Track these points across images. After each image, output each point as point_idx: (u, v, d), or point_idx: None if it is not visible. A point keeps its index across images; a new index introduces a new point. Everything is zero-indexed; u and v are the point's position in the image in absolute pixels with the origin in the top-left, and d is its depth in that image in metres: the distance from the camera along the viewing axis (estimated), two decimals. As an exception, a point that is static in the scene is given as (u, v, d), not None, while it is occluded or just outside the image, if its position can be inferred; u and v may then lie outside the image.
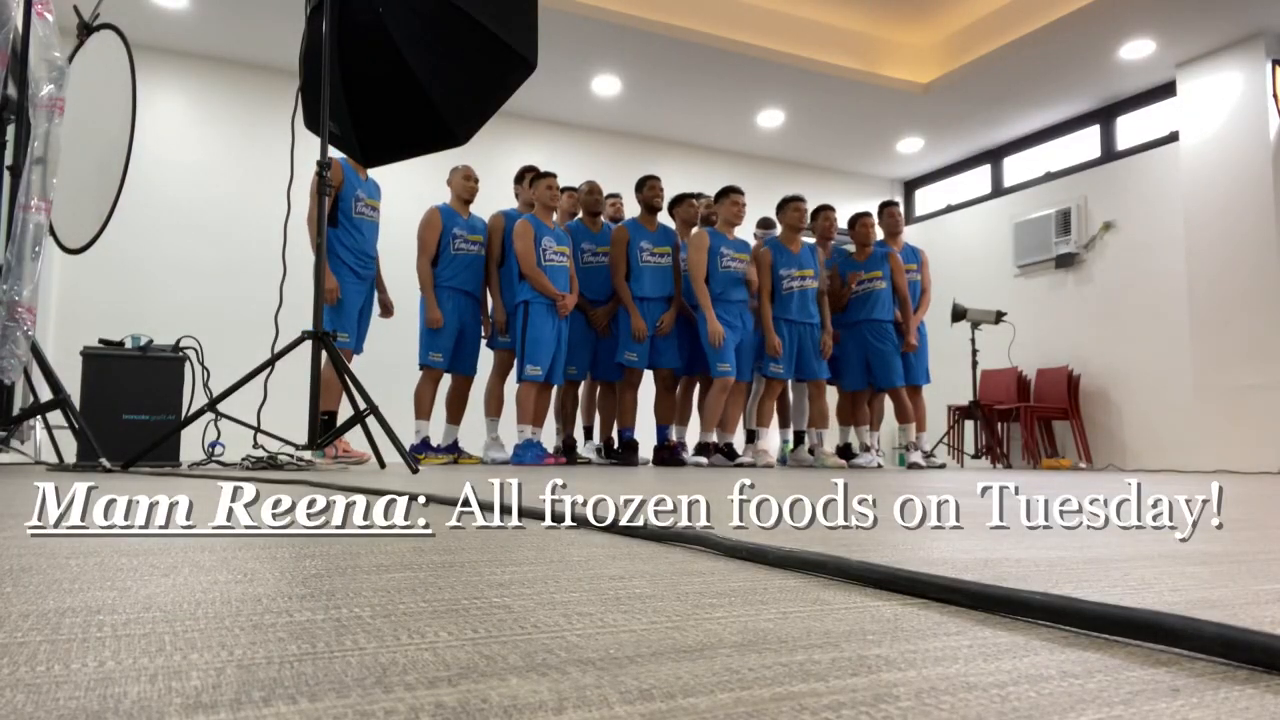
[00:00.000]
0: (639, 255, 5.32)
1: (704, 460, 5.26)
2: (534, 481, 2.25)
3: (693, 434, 5.53)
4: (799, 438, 5.77)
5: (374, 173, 4.69)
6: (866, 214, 5.81)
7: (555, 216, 5.13)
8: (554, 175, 5.08)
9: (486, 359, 5.13)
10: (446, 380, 5.00)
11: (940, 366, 6.66)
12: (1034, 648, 0.36)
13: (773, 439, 5.94)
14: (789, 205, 5.54)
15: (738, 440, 5.50)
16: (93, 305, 5.89)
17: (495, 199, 6.18)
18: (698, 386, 5.61)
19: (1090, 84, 6.88)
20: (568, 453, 5.43)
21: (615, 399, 5.46)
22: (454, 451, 4.95)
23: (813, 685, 0.30)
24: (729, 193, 5.40)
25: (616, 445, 5.43)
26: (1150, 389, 6.76)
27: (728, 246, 5.32)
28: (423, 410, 4.88)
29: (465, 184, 5.03)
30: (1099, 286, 7.20)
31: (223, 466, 3.31)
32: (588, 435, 5.68)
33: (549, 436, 6.46)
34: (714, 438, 5.32)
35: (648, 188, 5.41)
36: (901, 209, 5.95)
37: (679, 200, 5.67)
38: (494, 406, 5.03)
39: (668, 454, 5.41)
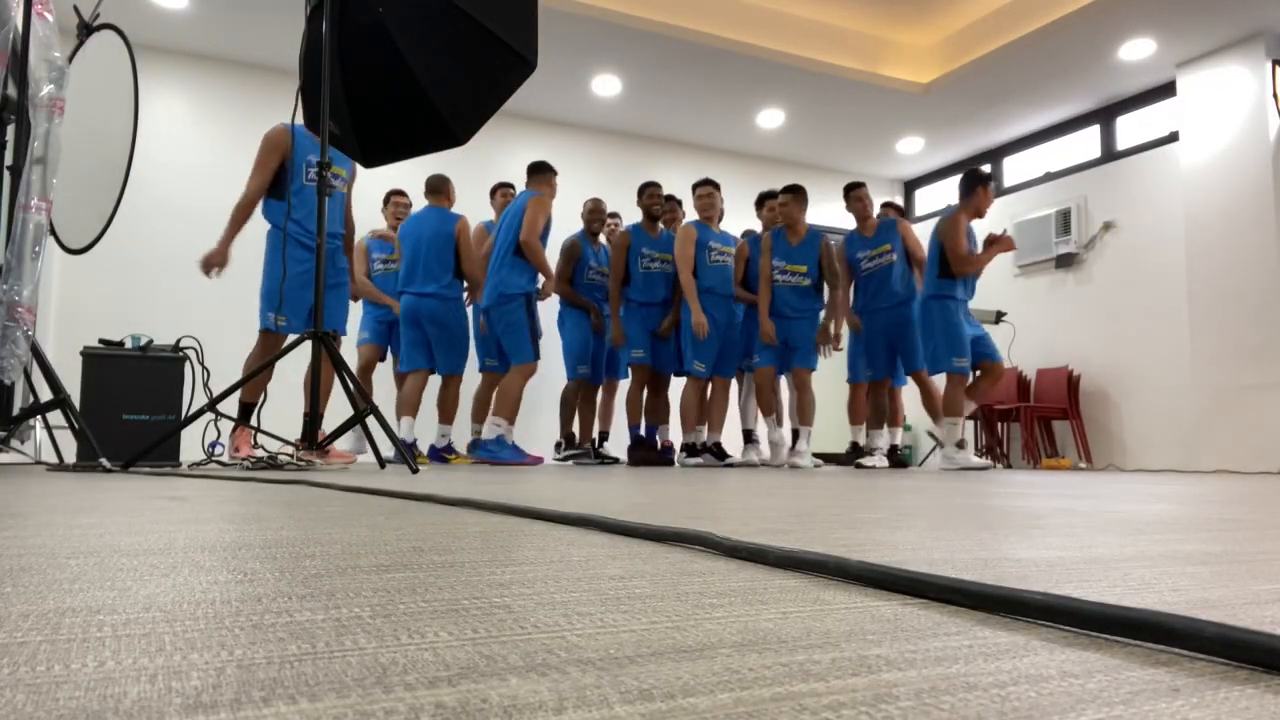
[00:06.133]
0: (639, 261, 5.38)
1: (699, 461, 5.28)
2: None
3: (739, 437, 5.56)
4: (795, 436, 5.72)
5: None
6: (857, 184, 5.60)
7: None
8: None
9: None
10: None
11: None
12: (1034, 648, 0.37)
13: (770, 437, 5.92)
14: (767, 201, 5.60)
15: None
16: (93, 305, 5.90)
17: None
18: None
19: (1090, 84, 6.89)
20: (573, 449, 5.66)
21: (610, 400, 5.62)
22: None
23: (813, 685, 0.30)
24: (697, 186, 5.44)
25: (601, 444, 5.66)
26: (1150, 389, 6.76)
27: (715, 240, 5.36)
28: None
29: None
30: (1099, 286, 7.20)
31: (223, 466, 3.31)
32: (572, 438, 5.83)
33: (533, 437, 6.51)
34: (703, 437, 5.37)
35: (647, 195, 5.47)
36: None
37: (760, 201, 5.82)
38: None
39: (655, 454, 5.45)
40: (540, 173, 5.08)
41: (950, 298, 5.03)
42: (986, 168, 8.42)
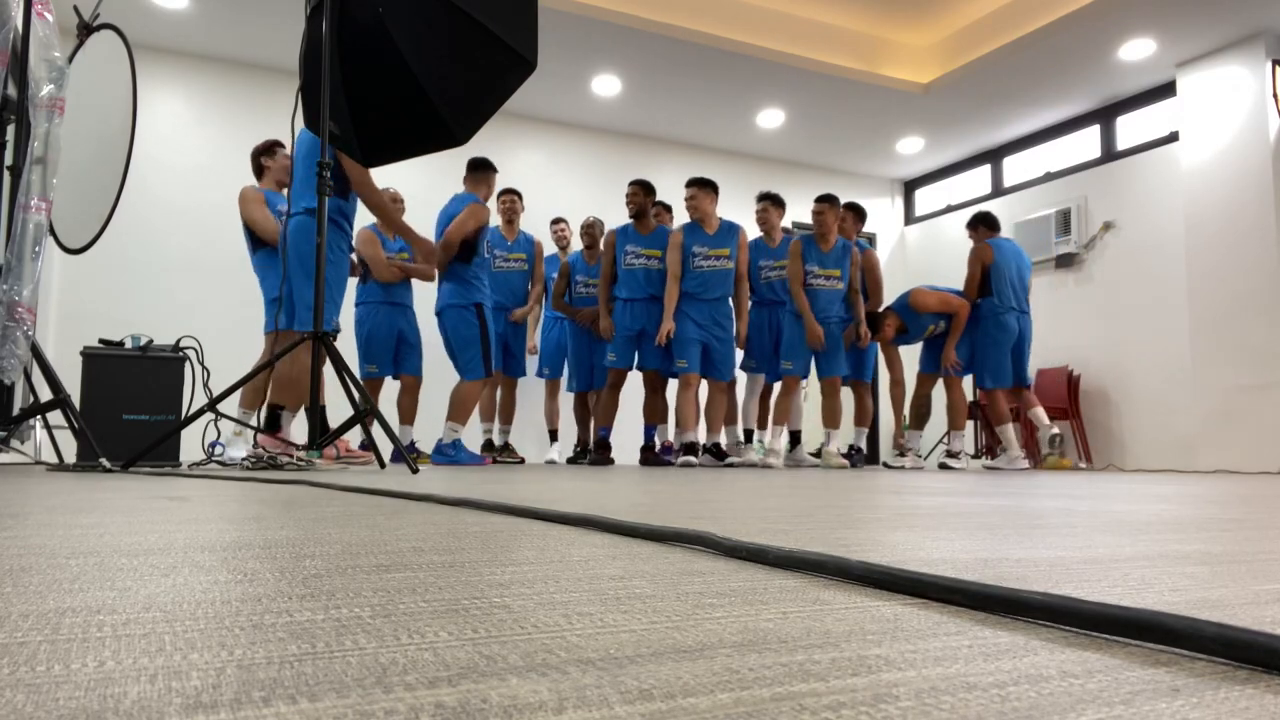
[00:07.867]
0: (624, 258, 5.39)
1: (694, 460, 5.27)
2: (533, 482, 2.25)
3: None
4: (795, 437, 5.76)
5: (376, 173, 4.68)
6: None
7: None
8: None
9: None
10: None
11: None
12: (1034, 648, 0.37)
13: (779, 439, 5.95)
14: (814, 206, 5.61)
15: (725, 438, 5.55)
16: (93, 305, 5.90)
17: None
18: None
19: (1090, 84, 6.89)
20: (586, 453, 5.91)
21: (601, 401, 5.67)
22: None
23: (813, 685, 0.30)
24: (686, 187, 5.45)
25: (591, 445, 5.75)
26: (1150, 389, 6.76)
27: (702, 244, 5.31)
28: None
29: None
30: (1099, 286, 7.20)
31: (223, 466, 3.31)
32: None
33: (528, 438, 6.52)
34: (695, 437, 5.36)
35: (626, 195, 5.46)
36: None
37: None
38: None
39: (652, 455, 5.45)
40: (478, 170, 4.95)
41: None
42: (986, 167, 8.42)
